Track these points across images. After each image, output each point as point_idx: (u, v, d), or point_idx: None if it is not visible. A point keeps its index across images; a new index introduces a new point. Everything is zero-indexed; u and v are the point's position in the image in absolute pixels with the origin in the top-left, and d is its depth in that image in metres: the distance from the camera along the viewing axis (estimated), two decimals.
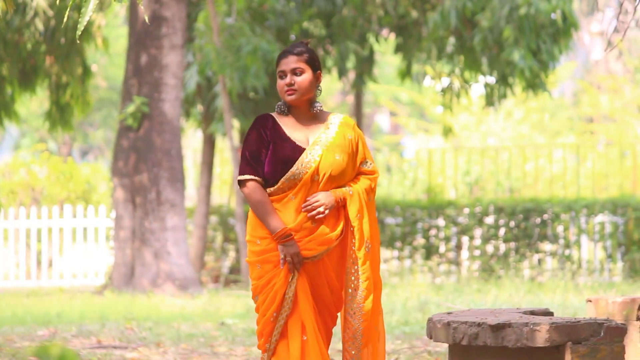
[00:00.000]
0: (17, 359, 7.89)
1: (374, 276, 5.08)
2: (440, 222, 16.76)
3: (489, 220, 16.56)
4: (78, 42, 6.52)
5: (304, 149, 5.01)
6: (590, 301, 6.51)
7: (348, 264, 5.06)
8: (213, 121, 16.86)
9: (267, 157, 4.99)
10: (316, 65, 5.07)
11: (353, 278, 5.04)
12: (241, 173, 5.01)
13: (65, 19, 4.19)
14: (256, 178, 4.99)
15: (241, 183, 5.01)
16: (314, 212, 4.96)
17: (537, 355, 5.05)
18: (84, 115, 17.40)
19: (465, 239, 16.75)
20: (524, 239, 16.33)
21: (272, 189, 5.00)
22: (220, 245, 17.77)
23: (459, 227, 16.63)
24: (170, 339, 9.26)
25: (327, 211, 4.97)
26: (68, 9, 3.99)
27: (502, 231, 16.46)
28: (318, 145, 5.02)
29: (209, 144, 18.10)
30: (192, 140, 31.90)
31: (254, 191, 4.98)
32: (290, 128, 5.06)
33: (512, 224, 16.41)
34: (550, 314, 5.77)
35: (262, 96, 17.12)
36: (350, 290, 5.05)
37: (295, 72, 5.01)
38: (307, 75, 5.02)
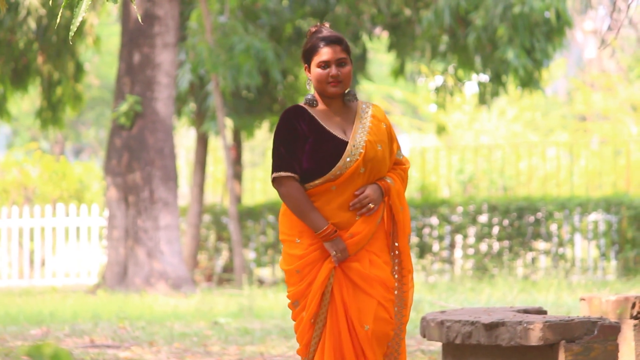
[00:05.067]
0: (9, 358, 7.87)
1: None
2: (434, 220, 16.74)
3: (483, 218, 16.55)
4: (71, 43, 6.47)
5: (346, 142, 4.73)
6: (583, 300, 6.50)
7: (390, 257, 4.84)
8: (206, 120, 16.84)
9: (307, 152, 4.70)
10: (351, 54, 4.84)
11: (395, 272, 4.83)
12: (276, 170, 4.69)
13: (58, 19, 4.16)
14: (293, 175, 4.68)
15: (276, 180, 4.69)
16: (363, 210, 4.72)
17: (531, 354, 5.05)
18: (76, 112, 17.39)
19: (458, 238, 16.74)
20: (517, 238, 16.32)
21: (312, 183, 4.71)
22: (213, 244, 17.75)
23: (452, 225, 16.62)
24: (163, 338, 9.24)
25: (376, 207, 4.74)
26: (62, 8, 3.97)
27: (495, 230, 16.45)
28: (358, 137, 4.77)
29: (202, 143, 18.08)
30: (185, 138, 31.88)
31: (292, 189, 4.67)
32: (325, 120, 4.77)
33: (505, 222, 16.40)
34: (544, 312, 5.77)
35: (255, 95, 17.10)
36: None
37: (340, 62, 4.76)
38: (350, 66, 4.78)
